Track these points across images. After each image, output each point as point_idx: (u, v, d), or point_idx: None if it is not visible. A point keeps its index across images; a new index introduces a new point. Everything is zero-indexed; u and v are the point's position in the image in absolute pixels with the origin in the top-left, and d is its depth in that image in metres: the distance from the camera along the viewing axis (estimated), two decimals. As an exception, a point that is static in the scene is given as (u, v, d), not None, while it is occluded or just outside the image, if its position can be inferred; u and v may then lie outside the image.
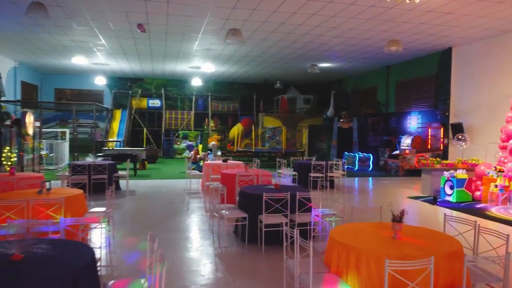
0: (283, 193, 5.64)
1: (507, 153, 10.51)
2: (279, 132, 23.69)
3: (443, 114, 16.08)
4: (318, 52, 16.57)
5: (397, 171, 15.87)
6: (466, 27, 12.46)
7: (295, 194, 5.77)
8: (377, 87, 21.16)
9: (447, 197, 10.13)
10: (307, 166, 11.83)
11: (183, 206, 9.06)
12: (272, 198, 5.61)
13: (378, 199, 10.56)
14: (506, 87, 12.84)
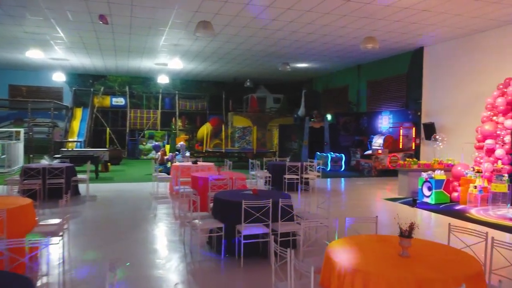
0: (264, 201, 5.03)
1: (483, 154, 10.39)
2: (249, 132, 23.11)
3: (414, 114, 16.01)
4: (290, 50, 16.11)
5: (370, 171, 15.65)
6: (440, 26, 12.32)
7: (277, 201, 5.19)
8: (348, 86, 20.98)
9: (425, 198, 9.87)
10: (281, 168, 11.31)
11: (150, 213, 8.29)
12: (252, 206, 4.99)
13: (356, 201, 10.17)
14: (478, 87, 12.81)
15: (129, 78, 23.97)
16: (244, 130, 23.33)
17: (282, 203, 5.13)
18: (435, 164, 11.08)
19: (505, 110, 10.30)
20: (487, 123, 10.36)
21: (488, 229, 7.30)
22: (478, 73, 12.89)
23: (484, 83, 12.49)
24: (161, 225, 7.29)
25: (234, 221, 5.23)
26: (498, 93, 10.65)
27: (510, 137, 9.87)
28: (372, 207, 9.60)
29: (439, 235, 6.94)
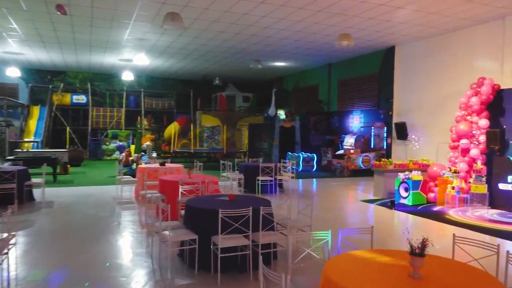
0: (244, 209, 4.49)
1: (458, 153, 10.29)
2: (218, 132, 22.48)
3: (386, 113, 15.93)
4: (261, 47, 15.63)
5: (342, 171, 15.43)
6: (413, 24, 12.18)
7: (258, 208, 4.66)
8: (318, 85, 20.76)
9: (402, 199, 9.64)
10: (254, 169, 10.80)
11: (113, 221, 7.56)
12: (230, 215, 4.44)
13: (333, 203, 9.81)
14: (450, 86, 12.79)
15: (91, 74, 22.77)
16: (213, 129, 22.69)
17: (263, 211, 4.61)
18: (410, 164, 10.89)
19: (479, 110, 10.23)
20: (461, 122, 10.26)
21: (469, 231, 7.16)
22: (450, 72, 12.88)
23: (456, 82, 12.47)
24: (125, 234, 6.60)
25: (209, 231, 4.67)
26: (472, 92, 10.58)
27: (485, 137, 9.79)
28: (350, 209, 9.27)
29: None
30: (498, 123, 10.36)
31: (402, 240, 6.46)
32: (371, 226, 3.70)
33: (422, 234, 5.02)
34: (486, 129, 9.94)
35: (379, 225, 7.72)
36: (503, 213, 8.57)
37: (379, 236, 6.69)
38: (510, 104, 10.25)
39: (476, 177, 8.48)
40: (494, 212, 8.63)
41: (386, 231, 7.31)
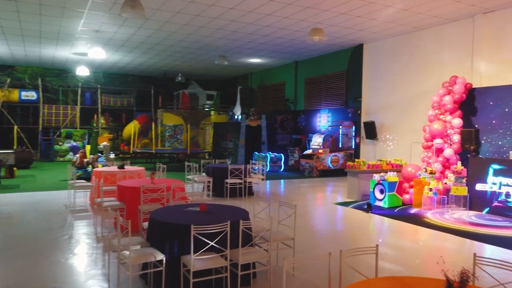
0: (221, 224, 3.79)
1: (431, 153, 10.06)
2: (181, 131, 21.53)
3: (354, 112, 15.66)
4: (227, 42, 14.91)
5: (311, 171, 15.00)
6: (384, 21, 11.90)
7: (237, 223, 3.98)
8: (285, 83, 20.29)
9: (377, 202, 9.25)
10: (222, 171, 10.09)
11: (64, 233, 6.61)
12: (204, 232, 3.73)
13: (307, 208, 9.27)
14: (420, 85, 12.64)
15: (42, 69, 21.14)
16: (176, 128, 21.71)
17: (243, 226, 3.93)
18: (383, 165, 10.57)
19: (453, 109, 10.04)
20: (435, 122, 10.03)
21: (450, 235, 6.84)
22: (420, 71, 12.72)
23: (427, 81, 12.32)
24: (78, 251, 5.70)
25: (179, 250, 3.94)
26: (444, 91, 10.40)
27: (459, 137, 9.60)
28: (326, 214, 8.76)
29: (416, 248, 6.22)
30: (470, 122, 10.24)
31: (388, 248, 6.00)
32: (376, 246, 3.11)
33: (407, 240, 4.45)
34: (460, 129, 9.76)
35: (359, 231, 7.24)
36: (481, 214, 8.35)
37: (358, 239, 6.20)
38: (482, 103, 10.15)
39: (456, 178, 8.21)
40: (472, 213, 8.41)
41: (368, 238, 6.84)
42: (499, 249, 6.09)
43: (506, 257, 5.70)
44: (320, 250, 5.78)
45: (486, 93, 10.05)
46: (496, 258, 2.88)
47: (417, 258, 5.67)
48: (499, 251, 6.01)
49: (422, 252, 6.01)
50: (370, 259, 2.76)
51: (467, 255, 5.80)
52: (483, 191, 8.56)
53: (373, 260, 3.18)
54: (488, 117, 9.95)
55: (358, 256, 3.10)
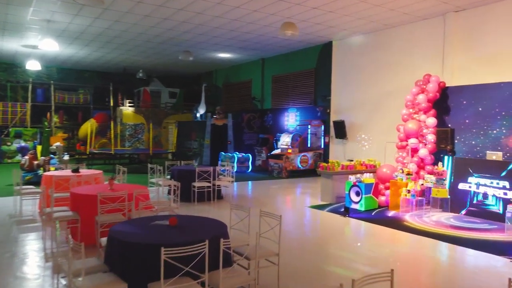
0: (197, 245, 3.12)
1: (406, 153, 9.80)
2: (142, 130, 20.48)
3: (323, 111, 15.33)
4: (191, 36, 14.12)
5: (280, 172, 14.51)
6: (356, 17, 11.56)
7: (216, 241, 3.33)
8: (251, 81, 19.71)
9: (353, 204, 8.85)
10: (189, 174, 9.36)
11: (6, 250, 5.68)
12: (177, 255, 3.05)
13: (280, 212, 8.71)
14: (391, 84, 12.43)
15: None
16: (137, 127, 20.64)
17: (224, 245, 3.28)
18: (357, 165, 10.20)
19: (427, 108, 9.82)
20: (410, 121, 9.77)
21: (432, 241, 6.50)
22: (392, 69, 12.50)
23: (399, 80, 12.09)
24: (22, 273, 4.83)
25: (145, 277, 3.24)
26: (417, 90, 10.17)
27: (433, 136, 9.37)
28: (303, 219, 8.25)
29: (403, 255, 5.79)
30: (444, 121, 10.06)
31: (375, 257, 5.54)
32: (391, 271, 2.57)
33: (392, 247, 3.98)
34: (434, 128, 9.55)
35: (341, 238, 6.78)
36: (459, 216, 8.13)
37: (339, 245, 5.73)
38: (455, 102, 10.00)
39: (437, 180, 7.92)
40: (450, 216, 8.17)
41: (354, 247, 6.37)
42: (482, 254, 5.78)
43: (488, 262, 5.39)
44: (308, 264, 5.23)
45: (459, 92, 9.90)
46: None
47: (406, 267, 5.24)
48: (482, 256, 5.71)
49: (410, 261, 5.61)
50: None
51: (453, 262, 5.46)
52: (460, 192, 8.35)
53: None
54: (462, 116, 9.80)
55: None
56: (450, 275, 5.10)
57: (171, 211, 6.21)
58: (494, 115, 9.19)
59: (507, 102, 8.98)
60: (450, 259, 5.71)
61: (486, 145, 9.29)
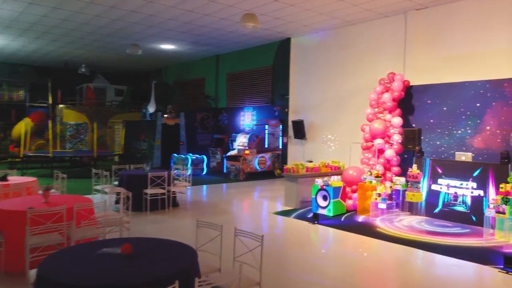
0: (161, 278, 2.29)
1: (371, 154, 9.41)
2: (86, 130, 18.87)
3: (281, 110, 14.77)
4: (141, 29, 12.99)
5: (237, 175, 13.75)
6: (317, 12, 11.07)
7: (185, 277, 2.51)
8: (204, 79, 18.79)
9: (320, 210, 8.29)
10: (140, 179, 8.33)
11: None
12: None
13: (243, 220, 7.99)
14: (353, 82, 12.07)
15: None
16: (79, 127, 18.99)
17: (198, 285, 2.47)
18: (322, 167, 9.69)
19: (392, 107, 9.50)
20: (376, 121, 9.39)
21: (412, 249, 6.08)
22: (354, 67, 12.14)
23: (362, 78, 11.73)
24: None
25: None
26: (382, 88, 9.83)
27: (400, 137, 9.05)
28: (270, 228, 7.55)
29: (385, 267, 5.24)
30: (408, 121, 9.81)
31: (359, 270, 4.94)
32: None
33: (373, 258, 3.31)
34: (400, 128, 9.23)
35: (315, 250, 6.14)
36: (431, 220, 7.81)
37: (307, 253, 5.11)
38: (420, 101, 9.78)
39: (412, 183, 7.53)
40: (421, 219, 7.84)
41: (330, 260, 5.75)
42: (468, 264, 5.39)
43: (476, 273, 5.00)
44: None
45: (424, 91, 9.69)
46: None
47: (388, 281, 4.70)
48: (469, 266, 5.31)
49: (391, 272, 5.08)
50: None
51: (437, 274, 5.00)
52: (430, 194, 8.05)
53: None
54: (426, 116, 9.59)
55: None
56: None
57: (122, 226, 5.26)
58: (459, 115, 9.04)
59: (471, 102, 8.84)
60: (433, 270, 5.26)
61: (451, 145, 9.12)
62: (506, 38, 8.84)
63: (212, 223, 3.76)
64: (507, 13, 8.84)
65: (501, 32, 8.90)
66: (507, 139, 8.23)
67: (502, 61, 8.74)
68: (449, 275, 5.03)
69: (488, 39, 9.10)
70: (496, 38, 8.98)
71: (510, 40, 8.75)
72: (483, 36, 9.18)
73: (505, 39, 8.86)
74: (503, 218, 6.02)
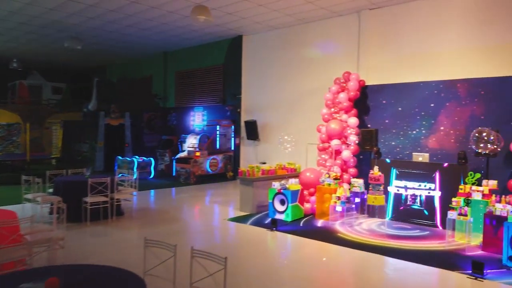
0: None
1: (328, 156, 9.15)
2: (18, 131, 17.19)
3: (233, 110, 14.25)
4: (82, 21, 11.94)
5: (188, 178, 13.02)
6: (271, 9, 10.68)
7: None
8: (151, 77, 17.82)
9: (278, 215, 7.86)
10: (79, 186, 7.44)
11: None
12: None
13: (196, 229, 7.37)
14: (308, 82, 11.82)
15: None
16: (10, 128, 17.25)
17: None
18: (278, 169, 9.28)
19: (348, 107, 9.30)
20: (332, 121, 9.14)
21: (376, 256, 5.79)
22: (308, 67, 11.87)
23: (317, 78, 11.48)
24: None
25: None
26: (337, 88, 9.62)
27: (356, 137, 8.85)
28: (225, 238, 6.99)
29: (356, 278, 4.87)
30: (364, 121, 9.67)
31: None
32: None
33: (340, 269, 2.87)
34: (357, 128, 9.04)
35: (275, 261, 5.67)
36: (390, 222, 7.64)
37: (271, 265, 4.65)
38: (375, 101, 9.67)
39: (373, 186, 7.28)
40: (380, 222, 7.64)
41: (295, 271, 5.31)
42: (434, 270, 5.18)
43: (444, 280, 4.79)
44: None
45: (379, 91, 9.59)
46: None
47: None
48: (436, 273, 5.10)
49: (356, 283, 4.74)
50: None
51: (406, 282, 4.72)
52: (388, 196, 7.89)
53: None
54: (381, 116, 9.50)
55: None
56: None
57: (55, 243, 4.49)
58: (414, 115, 9.02)
59: (426, 102, 8.84)
60: (399, 278, 4.97)
61: (406, 146, 9.08)
62: (457, 39, 8.92)
63: (164, 242, 3.16)
64: (458, 14, 8.92)
65: (452, 33, 8.97)
66: (460, 139, 8.28)
67: (455, 61, 8.81)
68: (417, 283, 4.76)
69: (441, 39, 9.15)
70: (448, 39, 9.04)
71: (461, 41, 8.84)
72: (436, 36, 9.22)
73: (456, 40, 8.93)
74: (465, 220, 5.89)
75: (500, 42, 8.22)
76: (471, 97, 8.20)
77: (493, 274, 4.95)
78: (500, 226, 5.61)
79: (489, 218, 5.78)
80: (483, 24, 8.51)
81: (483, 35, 8.50)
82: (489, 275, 4.89)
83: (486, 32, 8.45)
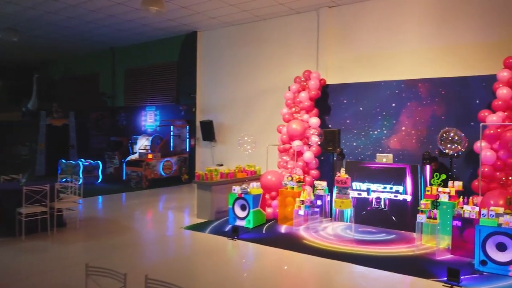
0: None
1: (290, 157, 8.77)
2: None
3: (188, 110, 13.58)
4: (19, 10, 10.83)
5: (140, 182, 12.20)
6: (226, 4, 10.21)
7: None
8: (99, 74, 16.69)
9: (238, 221, 7.36)
10: (12, 195, 6.52)
11: None
12: None
13: (148, 240, 6.69)
14: (267, 80, 11.45)
15: None
16: None
17: None
18: (238, 172, 8.77)
19: (309, 107, 8.96)
20: (294, 121, 8.75)
21: (346, 264, 5.28)
22: (266, 65, 11.50)
23: (276, 76, 11.13)
24: None
25: None
26: (297, 87, 9.27)
27: (318, 138, 8.53)
28: (181, 250, 6.37)
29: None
30: (324, 121, 9.38)
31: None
32: None
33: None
34: (318, 129, 8.72)
35: (238, 278, 5.16)
36: (355, 226, 7.36)
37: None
38: (336, 101, 9.40)
39: (340, 189, 6.93)
40: (343, 226, 7.35)
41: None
42: (396, 275, 4.90)
43: (399, 283, 4.52)
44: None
45: (340, 91, 9.33)
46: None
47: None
48: (399, 278, 4.82)
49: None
50: None
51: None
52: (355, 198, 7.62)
53: None
54: (342, 116, 9.24)
55: None
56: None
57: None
58: (375, 115, 8.83)
59: (387, 102, 8.67)
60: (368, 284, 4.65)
61: (367, 146, 8.87)
62: (416, 39, 8.87)
63: (110, 270, 2.55)
64: (417, 14, 8.87)
65: (412, 32, 8.91)
66: (421, 139, 8.19)
67: (416, 61, 8.74)
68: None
69: (401, 38, 9.07)
70: (408, 38, 8.97)
71: (421, 40, 8.79)
72: (396, 35, 9.13)
73: (415, 39, 8.88)
74: (435, 223, 5.70)
75: (460, 42, 8.24)
76: (432, 97, 8.12)
77: (467, 280, 4.74)
78: (469, 229, 5.46)
79: (458, 221, 5.62)
80: (441, 24, 8.50)
81: (442, 35, 8.48)
82: (464, 281, 4.67)
83: (445, 32, 8.44)
